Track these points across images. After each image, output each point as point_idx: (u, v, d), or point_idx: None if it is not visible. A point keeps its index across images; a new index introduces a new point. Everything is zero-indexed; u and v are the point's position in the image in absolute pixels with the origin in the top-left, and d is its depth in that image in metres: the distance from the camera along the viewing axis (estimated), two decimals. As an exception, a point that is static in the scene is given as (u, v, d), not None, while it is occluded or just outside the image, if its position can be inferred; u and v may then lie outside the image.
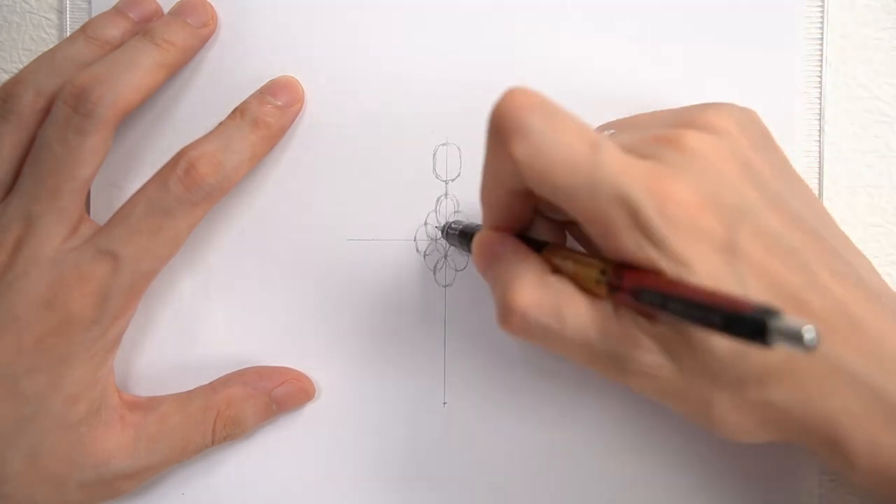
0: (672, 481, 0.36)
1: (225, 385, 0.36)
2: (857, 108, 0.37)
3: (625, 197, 0.26)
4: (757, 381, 0.27)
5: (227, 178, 0.34)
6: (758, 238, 0.27)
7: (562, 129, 0.26)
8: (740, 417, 0.28)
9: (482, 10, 0.37)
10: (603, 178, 0.26)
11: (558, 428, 0.37)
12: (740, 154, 0.29)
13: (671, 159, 0.27)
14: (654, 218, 0.26)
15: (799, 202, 0.30)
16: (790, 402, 0.27)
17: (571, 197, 0.26)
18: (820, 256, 0.28)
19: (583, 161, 0.26)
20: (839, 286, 0.27)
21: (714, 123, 0.29)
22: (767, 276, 0.27)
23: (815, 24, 0.36)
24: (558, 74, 0.37)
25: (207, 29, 0.37)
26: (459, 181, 0.37)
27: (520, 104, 0.26)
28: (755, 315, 0.22)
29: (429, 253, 0.37)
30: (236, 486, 0.37)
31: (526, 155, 0.26)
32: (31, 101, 0.34)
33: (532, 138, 0.26)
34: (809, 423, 0.27)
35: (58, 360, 0.32)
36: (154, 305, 0.37)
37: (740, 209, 0.27)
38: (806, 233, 0.28)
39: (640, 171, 0.26)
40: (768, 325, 0.22)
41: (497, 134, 0.27)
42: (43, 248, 0.33)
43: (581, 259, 0.29)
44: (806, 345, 0.21)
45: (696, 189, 0.26)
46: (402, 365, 0.37)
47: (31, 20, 0.39)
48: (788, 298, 0.27)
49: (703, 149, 0.28)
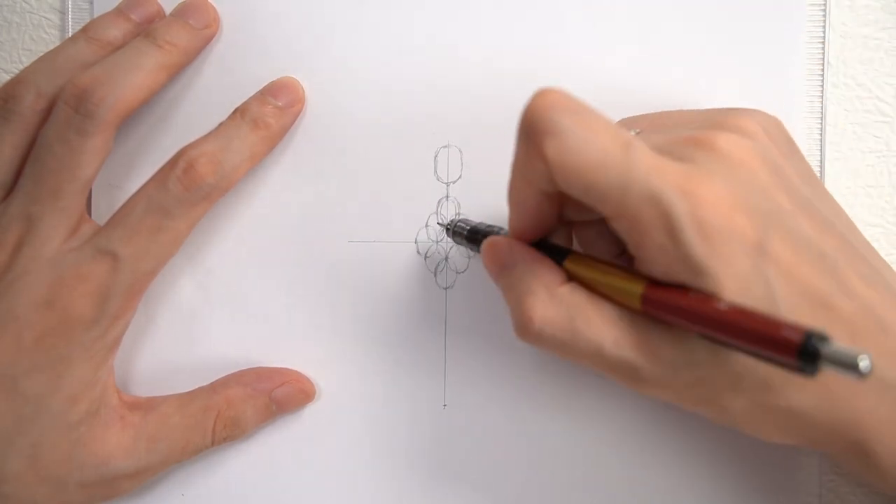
0: (673, 481, 0.36)
1: (225, 386, 0.36)
2: (857, 108, 0.37)
3: (657, 198, 0.26)
4: (779, 386, 0.27)
5: (226, 177, 0.34)
6: (788, 242, 0.27)
7: (594, 128, 0.26)
8: (761, 422, 0.28)
9: (483, 11, 0.37)
10: (636, 179, 0.26)
11: (559, 429, 0.37)
12: (770, 158, 0.29)
13: (703, 161, 0.27)
14: (685, 220, 0.26)
15: (827, 209, 0.30)
16: (814, 406, 0.27)
17: (603, 196, 0.26)
18: (849, 261, 0.28)
19: (615, 161, 0.26)
20: (868, 290, 0.27)
21: (744, 126, 0.29)
22: (797, 280, 0.26)
23: (817, 24, 0.36)
24: (560, 75, 0.37)
25: (209, 30, 0.37)
26: (461, 183, 0.37)
27: (551, 104, 0.26)
28: (806, 343, 0.22)
29: (430, 255, 0.37)
30: (236, 486, 0.37)
31: (558, 154, 0.26)
32: (32, 102, 0.34)
33: (564, 138, 0.26)
34: (834, 428, 0.27)
35: (58, 359, 0.32)
36: (154, 306, 0.37)
37: (771, 213, 0.27)
38: (836, 238, 0.28)
39: (672, 172, 0.26)
40: (821, 353, 0.21)
41: (528, 133, 0.27)
42: (43, 248, 0.33)
43: (616, 272, 0.28)
44: (861, 372, 0.21)
45: (728, 192, 0.26)
46: (402, 366, 0.37)
47: (32, 20, 0.39)
48: (817, 302, 0.27)
49: (735, 151, 0.28)
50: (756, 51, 0.36)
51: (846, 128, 0.37)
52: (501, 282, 0.31)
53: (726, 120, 0.29)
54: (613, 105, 0.36)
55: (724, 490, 0.36)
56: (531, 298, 0.29)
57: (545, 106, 0.26)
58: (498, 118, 0.37)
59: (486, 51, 0.37)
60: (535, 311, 0.29)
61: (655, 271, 0.27)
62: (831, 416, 0.27)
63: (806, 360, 0.22)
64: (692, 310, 0.26)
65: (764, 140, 0.29)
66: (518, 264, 0.30)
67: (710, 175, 0.27)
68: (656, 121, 0.34)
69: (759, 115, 0.31)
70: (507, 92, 0.37)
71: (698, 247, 0.26)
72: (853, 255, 0.28)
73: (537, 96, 0.27)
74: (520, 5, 0.37)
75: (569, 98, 0.27)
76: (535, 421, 0.37)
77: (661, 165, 0.26)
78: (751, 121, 0.30)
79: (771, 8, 0.36)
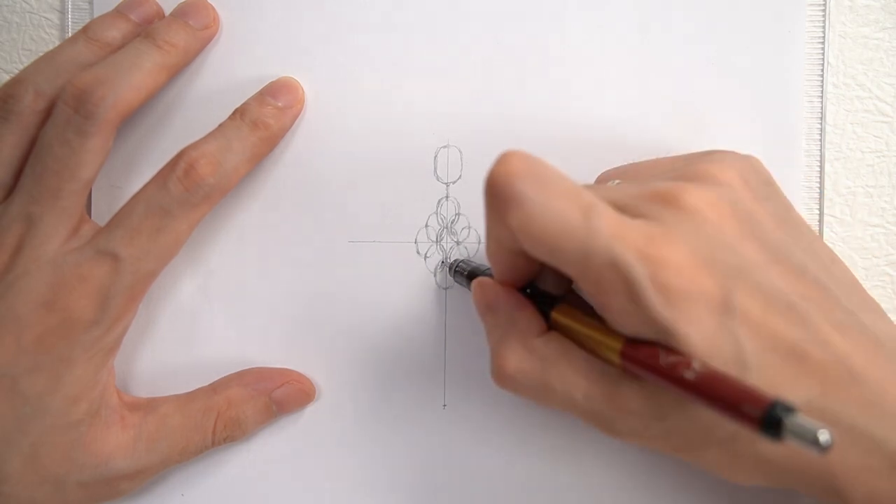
0: (674, 480, 0.36)
1: (225, 386, 0.36)
2: (857, 108, 0.37)
3: (617, 263, 0.26)
4: (748, 438, 0.27)
5: (226, 178, 0.34)
6: (756, 296, 0.27)
7: (555, 195, 0.26)
8: (734, 468, 0.28)
9: (484, 11, 0.37)
10: (596, 245, 0.26)
11: (558, 429, 0.37)
12: (741, 208, 0.28)
13: (667, 219, 0.27)
14: (645, 284, 0.26)
15: (802, 251, 0.30)
16: (784, 455, 0.27)
17: (566, 261, 0.27)
18: (821, 308, 0.28)
19: (576, 227, 0.26)
20: (841, 338, 0.27)
21: (715, 175, 0.29)
22: (765, 334, 0.26)
23: (817, 24, 0.36)
24: (560, 75, 0.37)
25: (209, 31, 0.37)
26: (460, 183, 0.37)
27: (514, 171, 0.26)
28: (770, 412, 0.22)
29: (429, 255, 0.37)
30: (236, 486, 0.37)
31: (520, 223, 0.26)
32: (32, 102, 0.34)
33: (525, 206, 0.26)
34: (806, 474, 0.27)
35: (58, 360, 0.32)
36: (154, 307, 0.37)
37: (737, 268, 0.27)
38: (808, 285, 0.28)
39: (633, 234, 0.26)
40: (784, 423, 0.22)
41: (492, 201, 0.27)
42: (44, 248, 0.33)
43: (597, 327, 0.29)
44: (821, 446, 0.21)
45: (691, 250, 0.26)
46: (402, 367, 0.37)
47: (32, 20, 0.39)
48: (788, 354, 0.26)
49: (701, 206, 0.28)
50: (756, 50, 0.36)
51: (846, 128, 0.37)
52: (485, 322, 0.32)
53: (697, 169, 0.29)
54: (614, 105, 0.36)
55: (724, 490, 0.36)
56: (506, 348, 0.30)
57: (507, 172, 0.26)
58: (498, 118, 0.37)
59: (487, 51, 0.37)
60: (509, 361, 0.30)
61: (623, 330, 0.27)
62: (802, 463, 0.27)
63: (769, 430, 0.22)
64: (663, 374, 0.26)
65: (736, 187, 0.29)
66: (500, 308, 0.31)
67: (672, 234, 0.27)
68: (633, 171, 0.34)
69: (734, 157, 0.31)
70: (508, 92, 0.37)
71: (662, 310, 0.26)
72: (826, 301, 0.28)
73: (499, 163, 0.27)
74: (520, 5, 0.37)
75: (531, 162, 0.27)
76: (534, 420, 0.37)
77: (621, 229, 0.26)
78: (723, 168, 0.29)
79: (771, 8, 0.36)
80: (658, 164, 0.34)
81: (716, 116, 0.36)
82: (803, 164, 0.36)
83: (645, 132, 0.36)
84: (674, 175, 0.30)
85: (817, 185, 0.36)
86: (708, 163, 0.30)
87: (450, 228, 0.37)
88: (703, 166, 0.30)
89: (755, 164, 0.31)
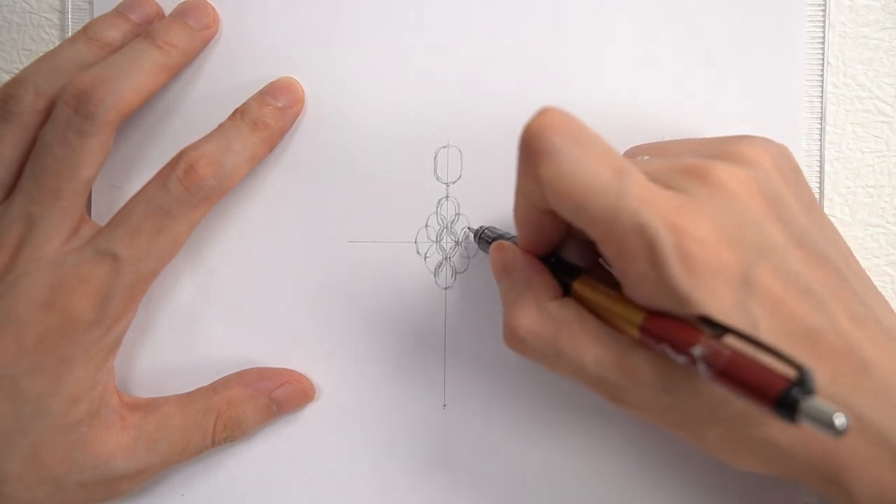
0: (673, 480, 0.36)
1: (225, 386, 0.36)
2: (857, 108, 0.37)
3: (644, 228, 0.26)
4: (756, 419, 0.27)
5: (226, 178, 0.34)
6: (777, 276, 0.27)
7: (589, 153, 0.26)
8: (736, 451, 0.28)
9: (484, 11, 0.37)
10: (625, 207, 0.26)
11: (558, 430, 0.37)
12: (770, 189, 0.28)
13: (696, 192, 0.27)
14: (669, 252, 0.26)
15: (825, 241, 0.30)
16: (790, 440, 0.27)
17: (592, 221, 0.27)
18: (839, 298, 0.28)
19: (607, 187, 0.26)
20: (855, 328, 0.27)
21: (747, 156, 0.29)
22: (782, 315, 0.26)
23: (817, 24, 0.36)
24: (561, 75, 0.37)
25: (209, 31, 0.37)
26: (460, 183, 0.37)
27: (550, 125, 0.26)
28: (786, 392, 0.22)
29: (429, 255, 0.37)
30: (236, 486, 0.37)
31: (551, 176, 0.26)
32: (32, 102, 0.34)
33: (558, 160, 0.26)
34: (810, 462, 0.27)
35: (58, 360, 0.32)
36: (154, 307, 0.37)
37: (760, 247, 0.27)
38: (828, 272, 0.28)
39: (662, 202, 0.26)
40: (800, 405, 0.22)
41: (526, 153, 0.27)
42: (44, 249, 0.33)
43: (619, 300, 0.29)
44: (837, 429, 0.21)
45: (717, 225, 0.27)
46: (402, 367, 0.37)
47: (32, 20, 0.39)
48: (802, 335, 0.26)
49: (731, 183, 0.28)
50: (756, 51, 0.36)
51: (846, 128, 0.37)
52: (501, 285, 0.32)
53: (729, 149, 0.29)
54: (614, 105, 0.36)
55: (724, 489, 0.36)
56: (520, 308, 0.30)
57: (544, 125, 0.27)
58: (498, 118, 0.37)
59: (487, 51, 0.37)
60: (522, 322, 0.30)
61: (640, 297, 0.27)
62: (808, 451, 0.27)
63: (784, 411, 0.22)
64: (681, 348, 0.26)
65: (767, 168, 0.29)
66: (517, 271, 0.31)
67: (700, 207, 0.27)
68: (665, 148, 0.34)
69: (766, 142, 0.31)
70: (508, 92, 0.37)
71: (682, 279, 0.26)
72: (844, 290, 0.28)
73: (538, 115, 0.27)
74: (520, 5, 0.37)
75: (569, 119, 0.27)
76: (534, 420, 0.37)
77: (651, 196, 0.26)
78: (755, 149, 0.29)
79: (771, 8, 0.36)
80: (689, 142, 0.34)
81: (715, 116, 0.36)
82: (803, 164, 0.36)
83: (645, 132, 0.36)
84: (705, 153, 0.30)
85: (817, 186, 0.36)
86: (740, 144, 0.30)
87: (450, 228, 0.37)
88: (736, 147, 0.29)
89: (786, 151, 0.31)
